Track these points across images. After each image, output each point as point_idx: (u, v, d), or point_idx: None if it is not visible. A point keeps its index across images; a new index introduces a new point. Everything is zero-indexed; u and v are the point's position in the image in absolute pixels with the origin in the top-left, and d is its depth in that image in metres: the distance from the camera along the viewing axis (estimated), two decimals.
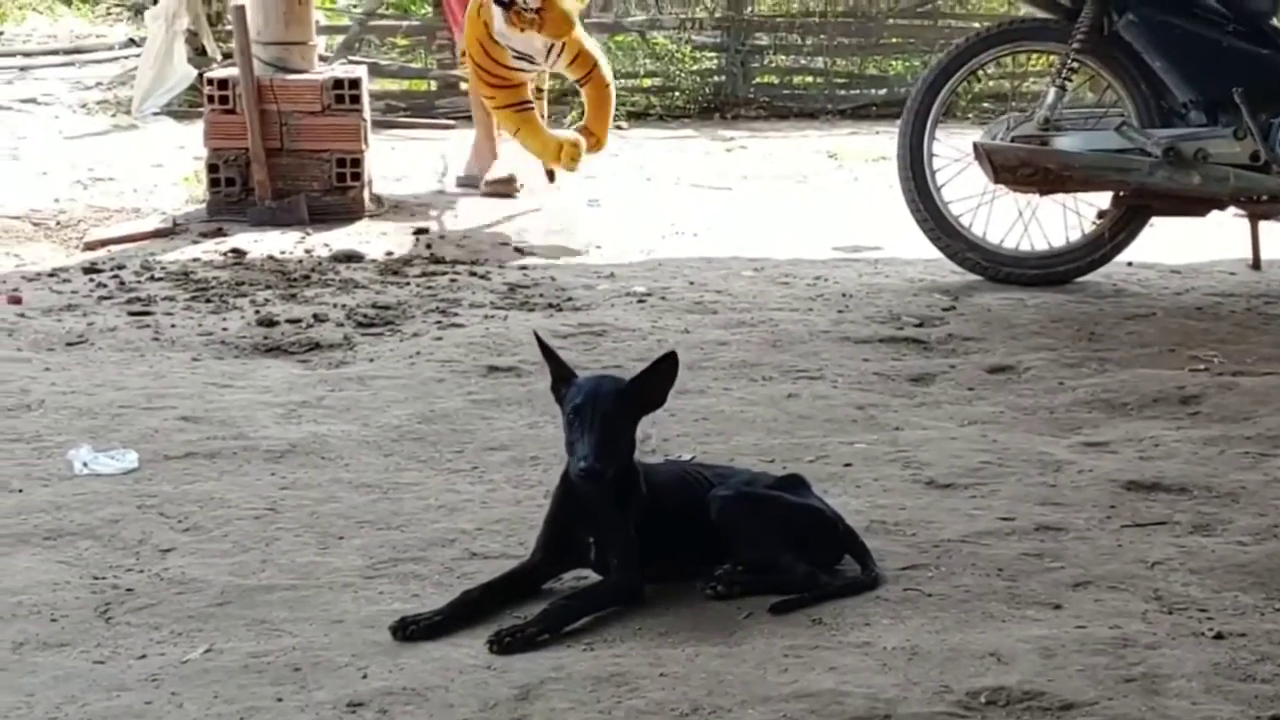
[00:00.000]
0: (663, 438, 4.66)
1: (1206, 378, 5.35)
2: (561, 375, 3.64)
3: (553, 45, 7.80)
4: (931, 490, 4.32)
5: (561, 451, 3.70)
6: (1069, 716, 3.02)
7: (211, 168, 7.92)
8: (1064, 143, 6.69)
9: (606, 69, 8.16)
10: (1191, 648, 3.30)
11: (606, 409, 3.53)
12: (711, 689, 3.13)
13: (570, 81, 8.76)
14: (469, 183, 8.81)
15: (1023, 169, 6.64)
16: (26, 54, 15.42)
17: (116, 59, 14.77)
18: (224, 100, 7.86)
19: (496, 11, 7.61)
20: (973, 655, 3.27)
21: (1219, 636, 3.36)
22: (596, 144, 8.18)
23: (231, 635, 3.38)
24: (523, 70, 7.90)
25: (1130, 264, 7.13)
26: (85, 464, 4.36)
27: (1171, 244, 7.44)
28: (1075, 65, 6.78)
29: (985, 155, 6.67)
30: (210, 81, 8.01)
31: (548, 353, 3.64)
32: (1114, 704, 3.05)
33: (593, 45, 8.23)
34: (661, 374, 3.63)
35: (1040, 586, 3.65)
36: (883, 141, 10.67)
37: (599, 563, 3.62)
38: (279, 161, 7.83)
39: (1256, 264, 7.06)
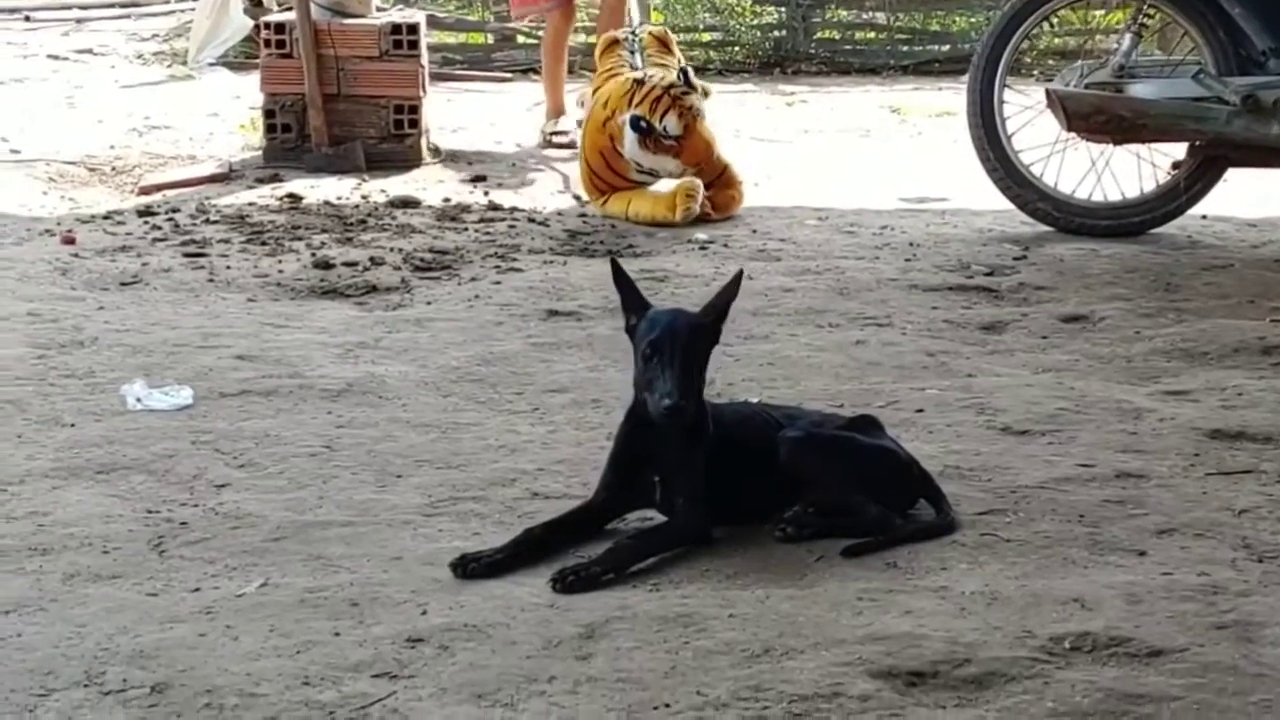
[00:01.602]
0: (727, 382, 4.54)
1: None
2: (635, 306, 3.51)
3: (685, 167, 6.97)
4: (1007, 436, 4.18)
5: (623, 392, 3.59)
6: (1158, 663, 2.89)
7: (268, 113, 7.82)
8: (1139, 90, 6.50)
9: (735, 175, 7.15)
10: None
11: (686, 344, 3.42)
12: (783, 630, 3.02)
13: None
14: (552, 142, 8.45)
15: (1096, 116, 6.45)
16: (83, 6, 15.37)
17: (173, 12, 14.67)
18: (281, 45, 7.76)
19: (630, 135, 6.81)
20: (1055, 601, 3.15)
21: None
22: (708, 215, 6.95)
23: (287, 570, 3.30)
24: (643, 183, 7.05)
25: (1204, 217, 6.94)
26: (139, 399, 4.28)
27: (1247, 197, 7.23)
28: (1151, 11, 6.59)
29: (1058, 102, 6.49)
30: (267, 26, 7.92)
31: (622, 280, 3.52)
32: (1205, 651, 2.93)
33: (720, 156, 7.14)
34: (731, 296, 3.51)
35: (1123, 533, 3.52)
36: (946, 97, 10.47)
37: (665, 503, 3.51)
38: (335, 107, 7.73)
39: None
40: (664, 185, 7.06)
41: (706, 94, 7.23)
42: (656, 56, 7.55)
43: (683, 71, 7.09)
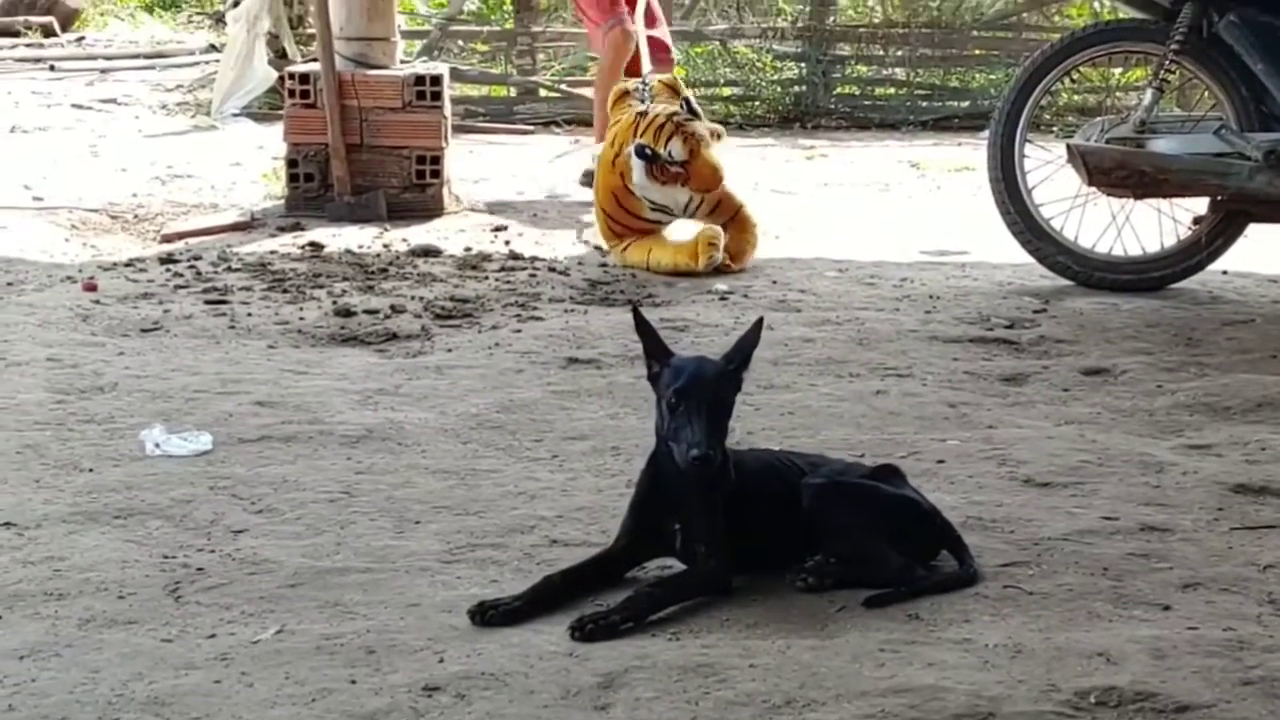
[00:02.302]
0: (747, 431, 4.52)
1: None
2: (658, 353, 3.49)
3: (695, 198, 6.93)
4: (1029, 488, 4.15)
5: (644, 440, 3.56)
6: (1185, 718, 2.85)
7: (291, 163, 7.86)
8: (1161, 145, 6.49)
9: (749, 216, 7.11)
10: None
11: (712, 392, 3.39)
12: (804, 682, 2.98)
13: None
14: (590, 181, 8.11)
15: (1118, 171, 6.45)
16: (108, 58, 15.49)
17: (197, 63, 14.80)
18: (305, 95, 7.80)
19: (637, 165, 6.76)
20: (1080, 654, 3.11)
21: None
22: (728, 266, 6.91)
23: (304, 617, 3.27)
24: (658, 223, 7.02)
25: (1225, 272, 6.92)
26: (158, 445, 4.27)
27: (1268, 253, 7.21)
28: (1173, 67, 6.59)
29: (1080, 157, 6.48)
30: (292, 76, 7.96)
31: (644, 329, 3.50)
32: (1232, 707, 2.89)
33: (735, 197, 7.13)
34: (753, 342, 3.49)
35: (1148, 586, 3.48)
36: (966, 152, 10.49)
37: (685, 551, 3.48)
38: (358, 157, 7.76)
39: None
40: (683, 234, 7.06)
41: (719, 137, 7.26)
42: (666, 102, 7.43)
43: (685, 101, 7.09)
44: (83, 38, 17.37)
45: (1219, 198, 6.58)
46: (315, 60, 8.02)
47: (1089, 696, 2.92)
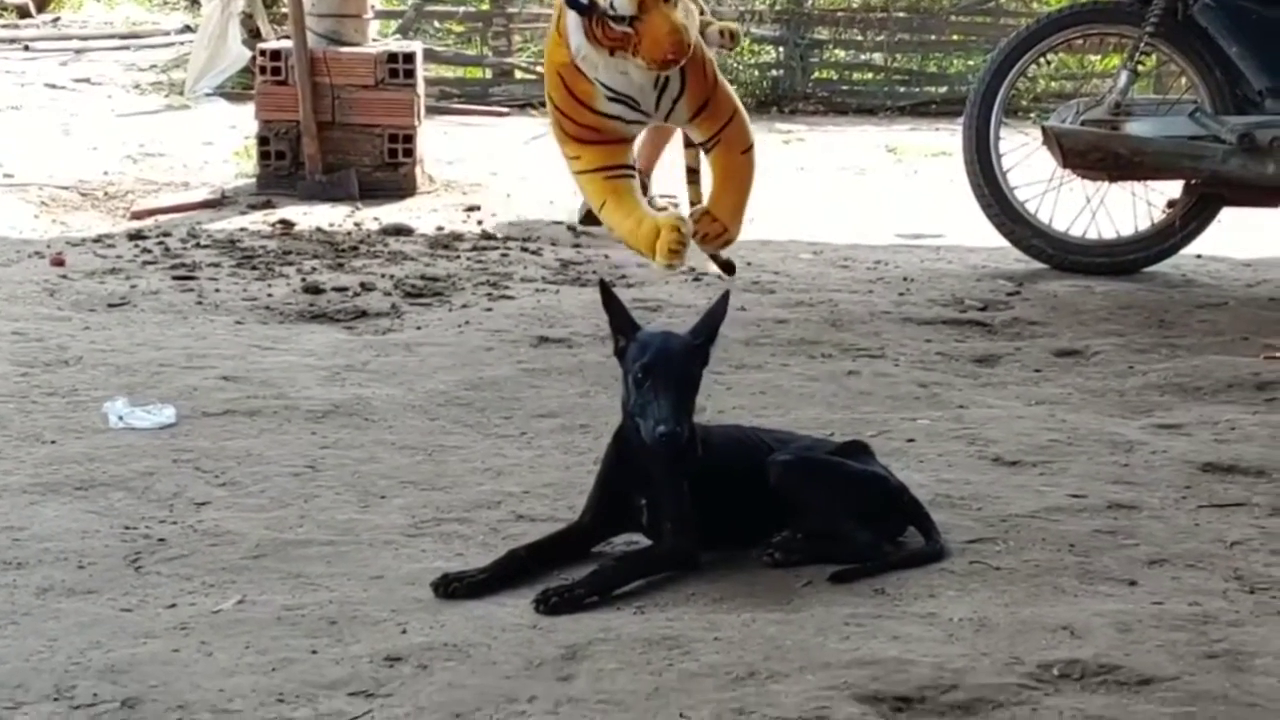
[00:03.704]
0: (719, 410, 4.50)
1: None
2: (624, 328, 3.46)
3: (663, 80, 5.15)
4: (998, 467, 4.14)
5: (613, 418, 3.54)
6: (1148, 691, 2.84)
7: (262, 140, 7.81)
8: (1135, 128, 6.49)
9: (746, 125, 5.48)
10: (1276, 626, 3.12)
11: (679, 368, 3.37)
12: (768, 654, 2.96)
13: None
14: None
15: (1092, 154, 6.44)
16: (83, 38, 15.40)
17: (172, 44, 14.72)
18: (276, 72, 7.76)
19: (572, 21, 5.00)
20: (1044, 628, 3.09)
21: None
22: (721, 233, 5.44)
23: (265, 588, 3.24)
24: (620, 121, 5.26)
25: (1199, 256, 6.92)
26: (121, 417, 4.24)
27: (1241, 239, 7.22)
28: (1148, 50, 6.58)
29: (1054, 139, 6.48)
30: (263, 52, 7.92)
31: (611, 303, 3.47)
32: (1195, 680, 2.87)
33: (728, 88, 5.49)
34: (720, 317, 3.47)
35: (1114, 563, 3.46)
36: (943, 138, 10.48)
37: (651, 527, 3.45)
38: (330, 135, 7.72)
39: None
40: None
41: (731, 38, 6.06)
42: None
43: None
44: (58, 19, 17.28)
45: (1193, 181, 6.59)
46: (288, 37, 7.97)
47: (1052, 669, 2.90)
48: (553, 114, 5.38)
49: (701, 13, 5.69)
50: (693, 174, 5.92)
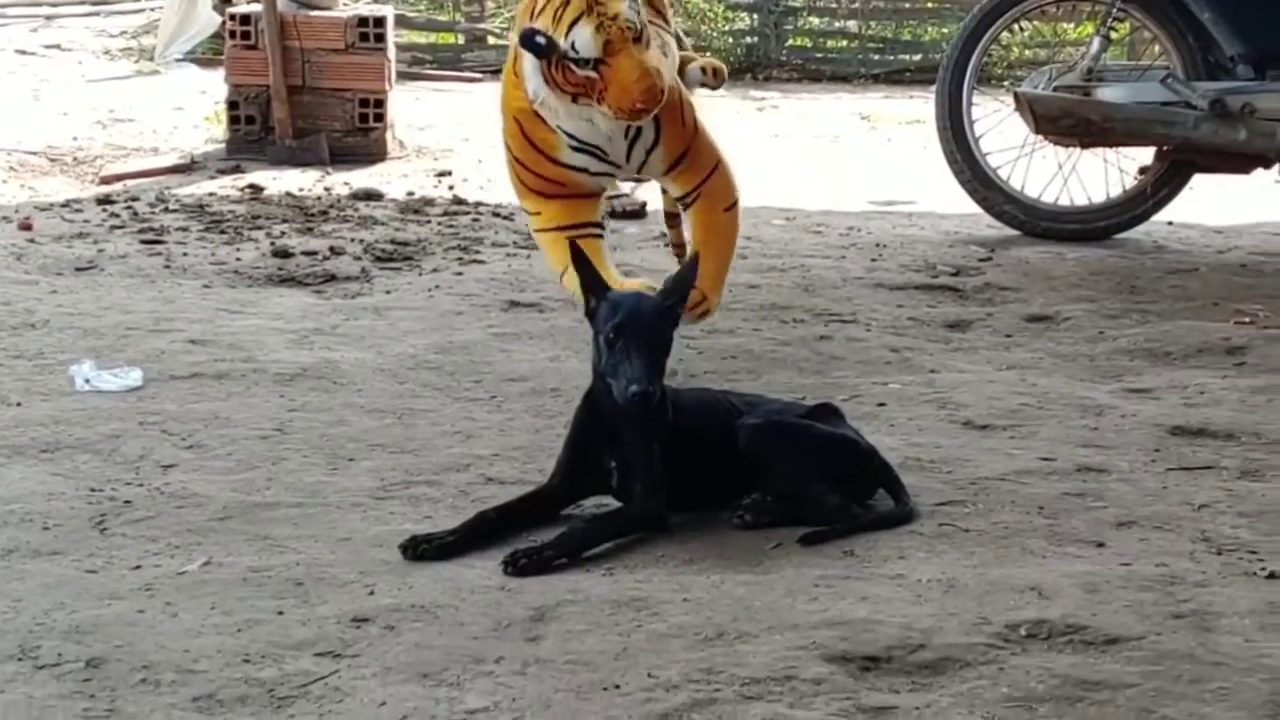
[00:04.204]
0: (689, 374, 4.49)
1: (1253, 330, 5.16)
2: (595, 289, 3.44)
3: (635, 129, 4.46)
4: (968, 430, 4.14)
5: (583, 382, 3.52)
6: (1114, 650, 2.84)
7: (231, 105, 7.77)
8: (1107, 94, 6.48)
9: (730, 178, 4.73)
10: (1243, 587, 3.13)
11: (650, 328, 3.36)
12: (737, 615, 2.96)
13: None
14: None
15: (1064, 119, 6.44)
16: (53, 4, 15.26)
17: (142, 10, 14.59)
18: (246, 36, 7.71)
19: (529, 64, 4.31)
20: (1012, 589, 3.09)
21: (1272, 576, 3.18)
22: (698, 302, 4.43)
23: (232, 550, 3.22)
24: (586, 173, 4.56)
25: (1170, 223, 6.93)
26: (87, 380, 4.21)
27: (1213, 206, 7.23)
28: (1120, 15, 6.57)
29: (1027, 104, 6.47)
30: (233, 17, 7.86)
31: (582, 264, 3.45)
32: (1162, 639, 2.88)
33: (709, 136, 4.73)
34: (690, 278, 3.46)
35: (1082, 525, 3.47)
36: (917, 105, 10.47)
37: (621, 489, 3.44)
38: (300, 100, 7.68)
39: None
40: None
41: (716, 75, 5.22)
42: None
43: None
44: None
45: (1164, 147, 6.59)
46: (258, 1, 7.91)
47: (1019, 629, 2.90)
48: (510, 164, 4.72)
49: (682, 47, 5.13)
50: (672, 218, 5.29)
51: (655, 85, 4.18)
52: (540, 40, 4.19)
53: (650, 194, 6.44)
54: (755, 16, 12.53)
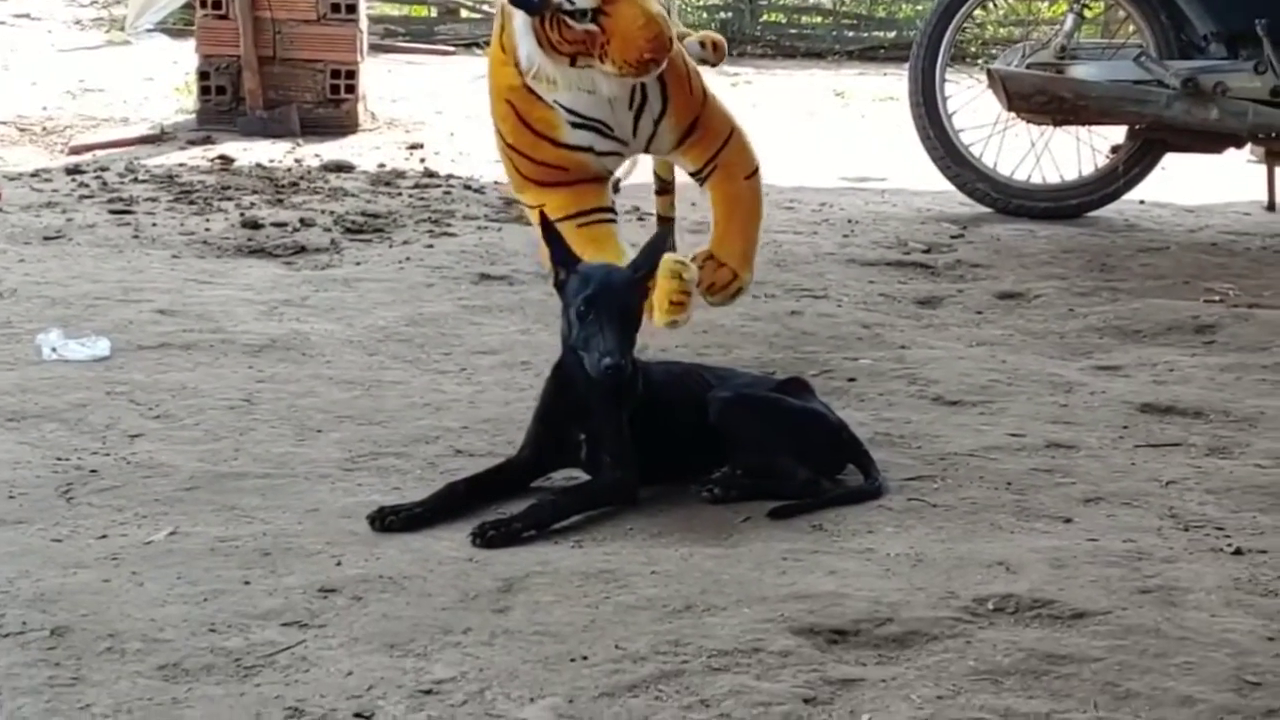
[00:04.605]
0: (661, 348, 4.48)
1: (1222, 309, 5.18)
2: (565, 261, 3.43)
3: (640, 97, 4.14)
4: (938, 406, 4.15)
5: (554, 355, 3.51)
6: (1080, 625, 2.85)
7: (202, 75, 7.72)
8: (1080, 71, 6.50)
9: (748, 145, 4.46)
10: (1210, 563, 3.14)
11: (621, 300, 3.35)
12: (705, 588, 2.96)
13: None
14: None
15: (1037, 96, 6.44)
16: None
17: None
18: (217, 5, 7.66)
19: (520, 24, 3.94)
20: (980, 564, 3.10)
21: (1238, 553, 3.19)
22: (730, 280, 4.37)
23: (198, 520, 3.21)
24: (591, 153, 4.20)
25: (1142, 202, 6.95)
26: (54, 349, 4.18)
27: (1184, 185, 7.25)
28: None
29: (1000, 81, 6.47)
30: None
31: (551, 235, 3.44)
32: (1128, 614, 2.88)
33: (720, 104, 4.47)
34: (660, 250, 3.45)
35: (1050, 500, 3.48)
36: (891, 82, 10.47)
37: (590, 461, 3.44)
38: (271, 71, 7.63)
39: (1272, 205, 6.88)
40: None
41: (715, 49, 5.03)
42: None
43: None
44: None
45: (1137, 125, 6.60)
46: None
47: (987, 603, 2.91)
48: (504, 153, 4.27)
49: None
50: (664, 184, 4.97)
51: (662, 32, 3.81)
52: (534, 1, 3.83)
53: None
54: None
